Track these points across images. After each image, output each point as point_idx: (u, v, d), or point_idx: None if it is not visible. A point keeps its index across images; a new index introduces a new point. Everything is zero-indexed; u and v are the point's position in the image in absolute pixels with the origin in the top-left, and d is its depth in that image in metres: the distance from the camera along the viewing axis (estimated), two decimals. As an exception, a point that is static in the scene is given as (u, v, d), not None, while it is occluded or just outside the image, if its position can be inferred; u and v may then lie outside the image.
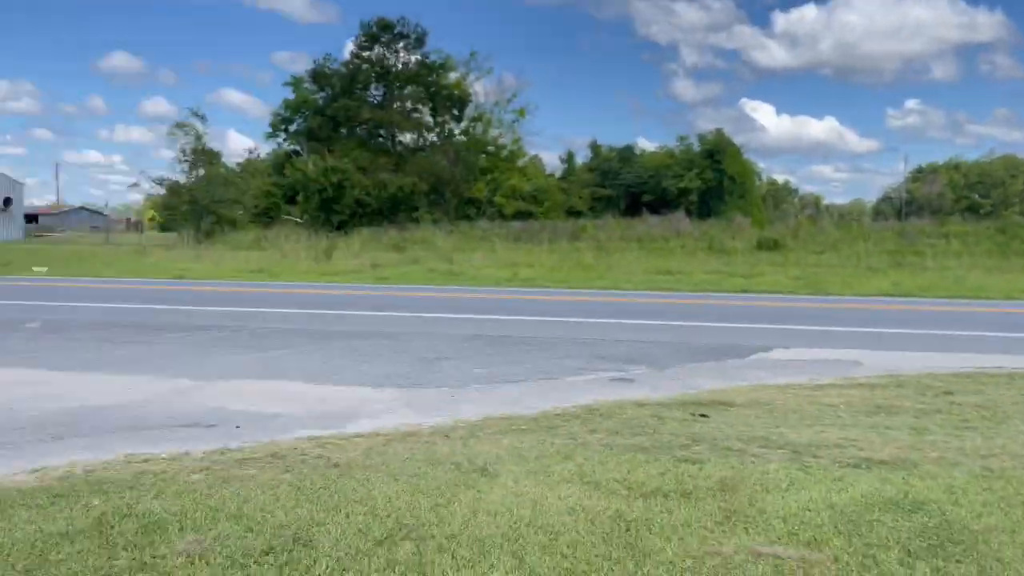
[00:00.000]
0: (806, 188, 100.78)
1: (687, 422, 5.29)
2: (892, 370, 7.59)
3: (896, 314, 12.82)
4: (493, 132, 51.06)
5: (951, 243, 27.20)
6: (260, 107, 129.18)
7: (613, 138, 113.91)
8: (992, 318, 12.63)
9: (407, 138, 51.12)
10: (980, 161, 62.89)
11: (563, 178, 55.81)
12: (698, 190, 51.60)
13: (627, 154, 58.22)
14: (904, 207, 55.38)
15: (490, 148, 50.90)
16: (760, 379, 7.15)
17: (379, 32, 49.31)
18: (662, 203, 49.46)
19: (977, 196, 56.23)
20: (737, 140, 59.36)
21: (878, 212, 62.05)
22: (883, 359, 8.30)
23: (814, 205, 70.18)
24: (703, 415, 5.51)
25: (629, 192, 54.63)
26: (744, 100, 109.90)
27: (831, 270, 21.43)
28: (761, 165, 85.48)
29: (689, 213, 41.64)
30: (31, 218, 76.65)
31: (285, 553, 3.06)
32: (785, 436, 4.94)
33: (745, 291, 16.20)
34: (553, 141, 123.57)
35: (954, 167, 63.73)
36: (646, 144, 74.14)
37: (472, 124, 51.02)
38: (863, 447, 4.73)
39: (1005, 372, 7.45)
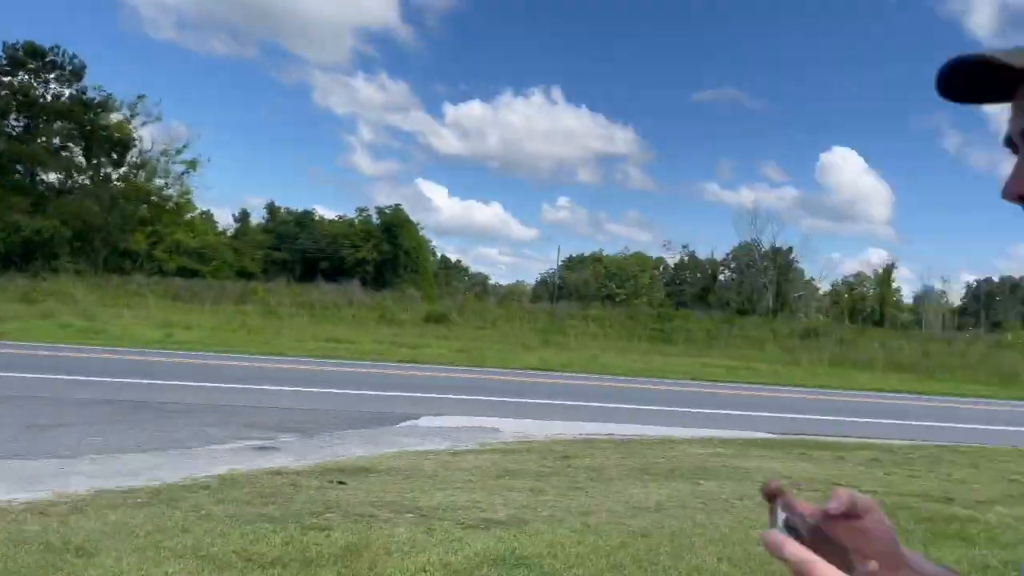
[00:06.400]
0: (476, 268, 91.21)
1: (323, 489, 5.21)
2: (525, 436, 8.30)
3: (539, 386, 13.47)
4: (158, 182, 44.63)
5: (590, 326, 29.86)
6: None
7: (292, 201, 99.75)
8: (615, 392, 13.53)
9: (52, 177, 43.59)
10: (617, 256, 66.82)
11: (235, 237, 52.84)
12: (374, 261, 50.70)
13: (305, 219, 55.41)
14: (557, 292, 59.58)
15: (153, 198, 44.43)
16: (406, 445, 7.30)
17: (26, 57, 42.04)
18: (339, 271, 48.63)
19: (614, 286, 61.32)
20: (413, 217, 55.72)
21: (536, 295, 65.81)
22: (520, 426, 8.91)
23: (481, 284, 74.79)
24: (341, 482, 5.42)
25: (306, 258, 52.50)
26: (420, 180, 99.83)
27: (490, 345, 22.04)
28: (435, 242, 77.29)
29: (364, 283, 41.74)
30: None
31: None
32: (416, 500, 5.06)
33: (410, 361, 16.18)
34: (228, 198, 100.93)
35: (597, 259, 67.23)
36: (325, 211, 65.04)
37: (134, 171, 44.08)
38: (485, 508, 4.97)
39: (615, 439, 8.50)
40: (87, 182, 43.62)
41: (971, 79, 0.70)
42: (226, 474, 5.64)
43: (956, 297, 70.54)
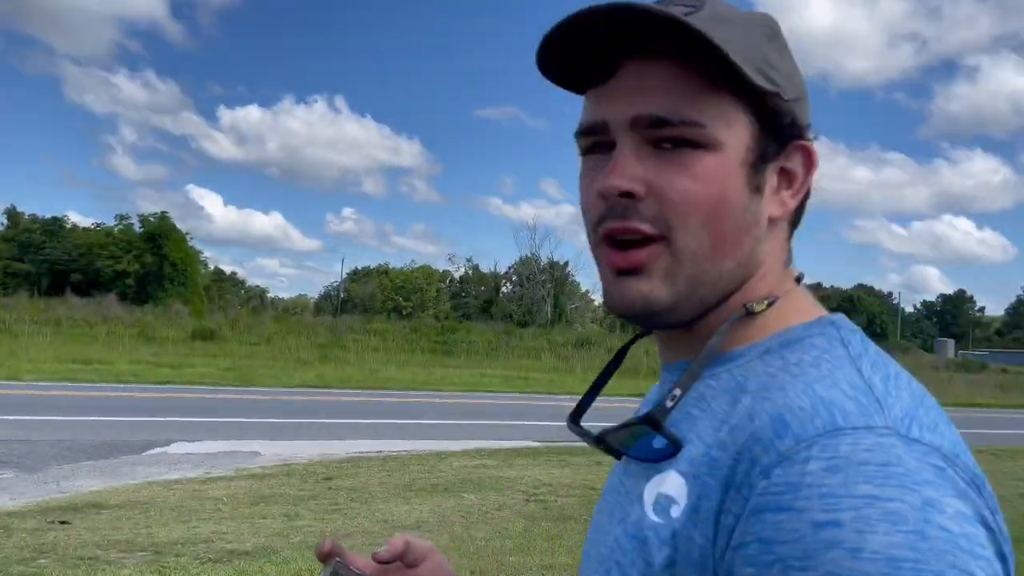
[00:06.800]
0: (254, 280, 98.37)
1: (40, 532, 4.86)
2: (287, 459, 8.00)
3: (313, 404, 13.16)
4: None
5: (373, 339, 29.22)
6: None
7: (38, 207, 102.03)
8: (392, 407, 13.53)
9: None
10: (404, 269, 67.16)
11: (-32, 247, 48.95)
12: (136, 274, 46.25)
13: (54, 227, 50.26)
14: (341, 305, 59.16)
15: None
16: (151, 476, 6.94)
17: None
18: (94, 284, 43.74)
19: (401, 299, 61.36)
20: (182, 226, 52.50)
21: (319, 308, 64.96)
22: (283, 449, 8.61)
23: (259, 298, 72.59)
24: (64, 521, 5.09)
25: (55, 270, 47.42)
26: (191, 186, 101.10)
27: (264, 362, 21.27)
28: (207, 254, 79.28)
29: (124, 297, 38.82)
30: None
31: None
32: (153, 536, 4.84)
33: (171, 382, 15.23)
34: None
35: (384, 272, 66.92)
36: (79, 218, 63.75)
37: None
38: (232, 540, 4.81)
39: (381, 456, 8.36)
40: None
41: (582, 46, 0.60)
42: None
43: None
